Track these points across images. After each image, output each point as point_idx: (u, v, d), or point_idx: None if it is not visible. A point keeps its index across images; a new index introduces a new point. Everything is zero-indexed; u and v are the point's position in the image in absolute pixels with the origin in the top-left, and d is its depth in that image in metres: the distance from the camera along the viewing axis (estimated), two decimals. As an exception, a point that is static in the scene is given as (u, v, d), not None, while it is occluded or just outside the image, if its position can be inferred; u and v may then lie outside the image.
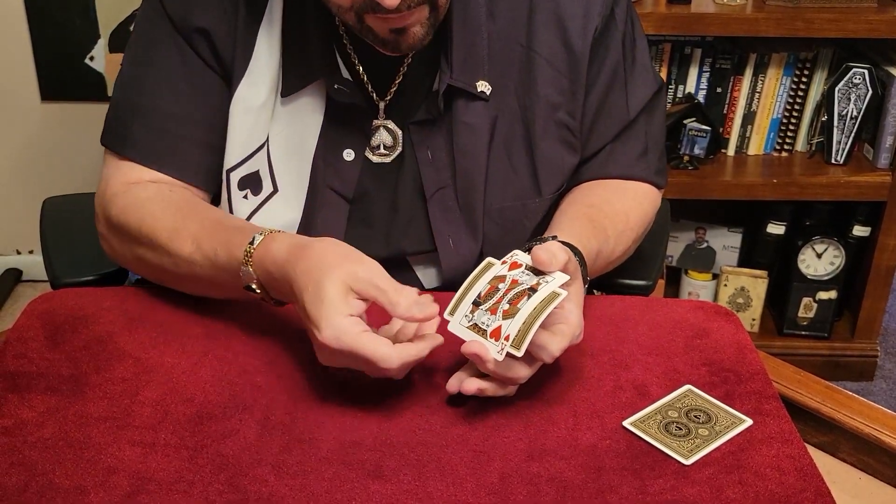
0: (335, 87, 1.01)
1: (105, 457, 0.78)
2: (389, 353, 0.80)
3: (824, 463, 0.93)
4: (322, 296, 0.81)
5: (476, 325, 0.83)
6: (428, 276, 1.08)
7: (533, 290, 0.82)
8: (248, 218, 1.03)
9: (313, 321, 0.81)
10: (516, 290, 0.83)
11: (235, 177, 1.02)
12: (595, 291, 1.16)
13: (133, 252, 1.01)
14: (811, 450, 0.83)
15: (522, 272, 0.84)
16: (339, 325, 0.80)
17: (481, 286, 0.85)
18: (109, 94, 2.26)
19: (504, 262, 0.86)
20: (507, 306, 0.82)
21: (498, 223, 1.05)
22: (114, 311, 0.97)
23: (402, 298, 0.81)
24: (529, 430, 0.83)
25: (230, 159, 1.02)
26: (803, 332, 2.17)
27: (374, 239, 1.05)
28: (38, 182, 2.33)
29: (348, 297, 0.82)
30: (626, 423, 0.84)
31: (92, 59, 2.22)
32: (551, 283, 0.82)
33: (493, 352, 0.80)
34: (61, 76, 2.23)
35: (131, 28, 2.16)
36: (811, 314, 2.15)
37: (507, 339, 0.80)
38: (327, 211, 1.04)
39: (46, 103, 2.27)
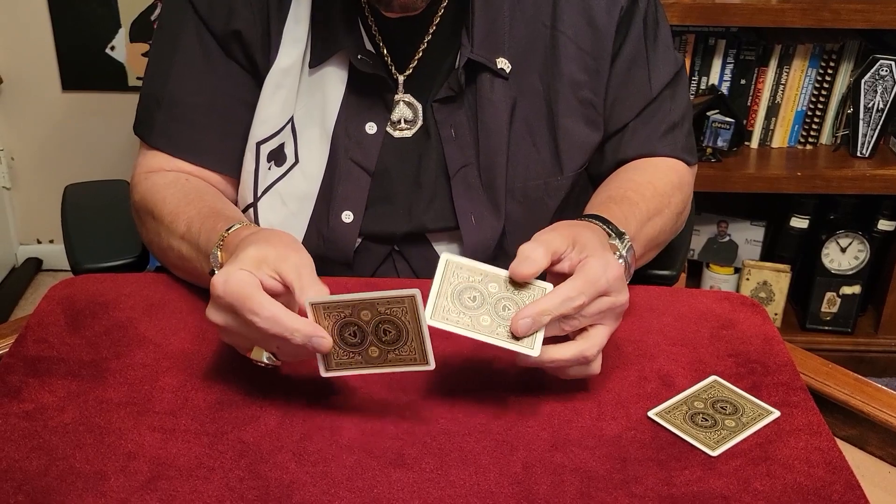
0: (358, 57, 1.01)
1: (125, 442, 0.77)
2: (280, 313, 0.76)
3: (853, 456, 0.91)
4: (238, 254, 0.81)
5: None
6: (449, 252, 1.07)
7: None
8: (270, 187, 1.05)
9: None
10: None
11: (265, 149, 1.04)
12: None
13: (146, 234, 1.05)
14: (839, 443, 0.82)
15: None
16: (234, 273, 0.78)
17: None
18: (130, 83, 2.28)
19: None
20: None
21: (520, 202, 1.05)
22: (134, 298, 0.96)
23: (314, 289, 0.78)
24: (553, 420, 0.81)
25: (261, 131, 1.03)
26: (826, 328, 2.15)
27: (395, 215, 1.06)
28: (58, 172, 2.33)
29: (262, 266, 0.79)
30: (651, 414, 0.82)
31: (113, 48, 2.22)
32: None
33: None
34: (82, 66, 2.24)
35: (152, 18, 2.17)
36: (834, 309, 2.13)
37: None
38: (348, 183, 1.04)
39: (67, 93, 2.28)
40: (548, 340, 0.80)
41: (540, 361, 0.80)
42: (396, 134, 1.05)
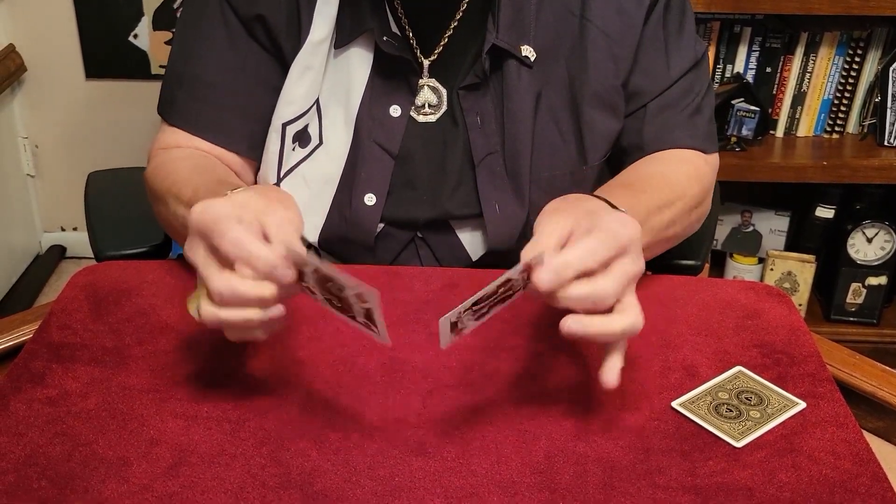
0: (384, 38, 1.01)
1: (148, 429, 0.78)
2: (245, 237, 0.72)
3: (879, 449, 0.90)
4: (228, 196, 0.78)
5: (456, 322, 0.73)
6: (473, 241, 1.07)
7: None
8: (294, 168, 1.05)
9: None
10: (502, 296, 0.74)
11: (291, 130, 1.04)
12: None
13: (155, 207, 1.05)
14: (866, 435, 0.81)
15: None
16: (213, 203, 0.75)
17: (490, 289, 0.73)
18: (153, 71, 2.28)
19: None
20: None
21: (546, 191, 1.04)
22: (157, 285, 0.97)
23: (280, 247, 0.73)
24: (576, 409, 0.81)
25: (287, 112, 1.03)
26: (851, 319, 2.13)
27: (418, 200, 1.06)
28: (82, 160, 2.35)
29: (245, 209, 0.76)
30: (674, 404, 0.82)
31: (136, 36, 2.23)
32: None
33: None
34: (106, 54, 2.25)
35: (175, 6, 2.17)
36: (860, 300, 2.11)
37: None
38: (371, 165, 1.04)
39: (91, 81, 2.29)
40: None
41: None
42: (420, 118, 1.05)
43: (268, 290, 0.73)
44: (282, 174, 1.05)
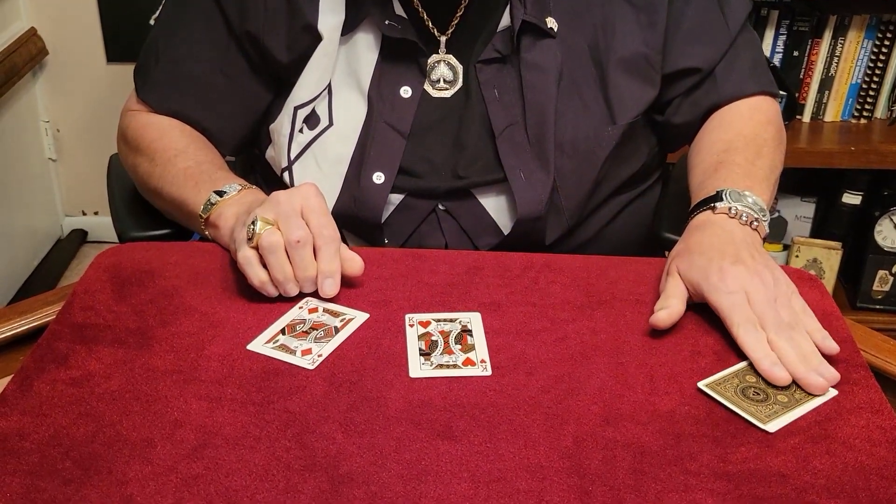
0: (386, 23, 1.02)
1: (172, 410, 0.77)
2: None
3: (913, 436, 0.88)
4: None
5: (441, 365, 0.82)
6: (499, 209, 1.07)
7: (468, 330, 0.87)
8: (304, 150, 1.06)
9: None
10: (456, 334, 0.86)
11: (302, 114, 1.06)
12: (667, 253, 1.13)
13: (133, 160, 1.12)
14: (900, 422, 0.79)
15: (442, 321, 0.88)
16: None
17: (417, 343, 0.85)
18: (174, 56, 2.28)
19: (412, 326, 0.87)
20: (459, 346, 0.85)
21: (570, 155, 1.04)
22: (180, 266, 0.96)
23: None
24: (604, 394, 0.80)
25: (300, 96, 1.05)
26: (878, 306, 2.10)
27: (437, 173, 1.05)
28: (103, 143, 2.34)
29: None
30: (701, 384, 0.80)
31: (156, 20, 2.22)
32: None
33: (478, 371, 0.82)
34: (127, 38, 2.24)
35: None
36: (887, 287, 2.08)
37: (483, 361, 0.83)
38: (382, 145, 1.04)
39: (112, 65, 2.29)
40: None
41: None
42: (435, 93, 1.05)
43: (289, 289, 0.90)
44: (292, 156, 1.06)
